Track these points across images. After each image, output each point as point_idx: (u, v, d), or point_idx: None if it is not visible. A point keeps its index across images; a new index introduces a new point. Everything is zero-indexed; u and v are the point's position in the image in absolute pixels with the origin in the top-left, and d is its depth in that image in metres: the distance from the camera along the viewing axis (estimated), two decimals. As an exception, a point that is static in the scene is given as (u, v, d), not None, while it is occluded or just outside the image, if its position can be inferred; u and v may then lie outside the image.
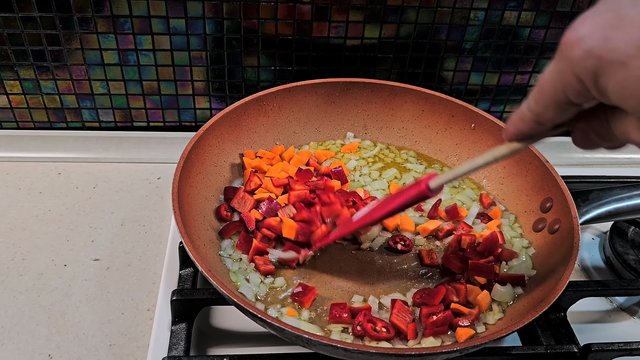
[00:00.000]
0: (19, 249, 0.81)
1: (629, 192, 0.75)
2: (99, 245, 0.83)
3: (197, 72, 0.97)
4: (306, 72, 0.99)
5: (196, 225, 0.73)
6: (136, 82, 0.97)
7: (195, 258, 0.61)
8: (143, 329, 0.72)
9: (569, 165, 1.05)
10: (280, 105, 0.88)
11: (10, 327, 0.71)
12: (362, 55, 0.98)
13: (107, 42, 0.92)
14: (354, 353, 0.54)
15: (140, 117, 1.02)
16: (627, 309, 0.79)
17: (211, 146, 0.81)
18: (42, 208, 0.89)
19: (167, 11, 0.89)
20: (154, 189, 0.94)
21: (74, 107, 1.00)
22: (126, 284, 0.77)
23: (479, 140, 0.88)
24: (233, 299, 0.57)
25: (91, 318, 0.72)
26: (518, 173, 0.83)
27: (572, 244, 0.67)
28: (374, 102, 0.92)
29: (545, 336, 0.69)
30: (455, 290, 0.68)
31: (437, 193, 0.60)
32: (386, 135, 0.94)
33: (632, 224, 0.85)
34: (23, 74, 0.95)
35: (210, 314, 0.73)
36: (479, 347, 0.57)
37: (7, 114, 1.00)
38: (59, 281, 0.77)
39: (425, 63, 1.00)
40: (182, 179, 0.71)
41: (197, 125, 1.04)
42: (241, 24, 0.92)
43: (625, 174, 0.97)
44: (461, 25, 0.95)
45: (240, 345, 0.69)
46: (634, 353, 0.66)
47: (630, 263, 0.80)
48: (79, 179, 0.95)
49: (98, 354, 0.68)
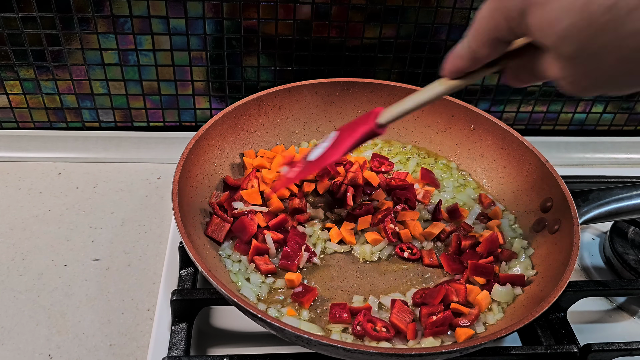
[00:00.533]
0: (19, 249, 0.81)
1: (629, 192, 0.75)
2: (99, 245, 0.83)
3: (197, 72, 0.97)
4: (306, 72, 0.99)
5: (196, 226, 0.73)
6: (136, 82, 0.97)
7: (195, 258, 0.61)
8: (143, 329, 0.72)
9: (569, 165, 1.05)
10: (280, 105, 0.88)
11: (10, 327, 0.71)
12: (362, 55, 0.98)
13: (107, 42, 0.92)
14: (354, 353, 0.54)
15: (140, 117, 1.02)
16: (627, 309, 0.79)
17: (211, 146, 0.81)
18: (42, 208, 0.89)
19: (167, 11, 0.89)
20: (154, 189, 0.94)
21: (74, 107, 1.00)
22: (126, 284, 0.77)
23: (479, 140, 0.88)
24: (233, 299, 0.57)
25: (91, 318, 0.73)
26: (518, 173, 0.83)
27: (572, 244, 0.67)
28: (374, 102, 0.92)
29: (545, 336, 0.69)
30: (455, 291, 0.68)
31: (385, 129, 0.63)
32: (386, 135, 0.94)
33: (632, 224, 0.85)
34: (23, 74, 0.95)
35: (210, 314, 0.73)
36: (479, 347, 0.58)
37: (7, 114, 1.00)
38: (59, 281, 0.77)
39: (425, 63, 1.00)
40: (182, 179, 0.71)
41: (197, 125, 1.04)
42: (241, 24, 0.92)
43: (625, 174, 0.97)
44: (461, 25, 0.95)
45: (240, 345, 0.69)
46: (634, 353, 0.66)
47: (630, 263, 0.80)
48: (79, 179, 0.95)
49: (98, 354, 0.68)
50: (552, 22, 0.41)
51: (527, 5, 0.42)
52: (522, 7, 0.42)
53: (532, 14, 0.42)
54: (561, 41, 0.41)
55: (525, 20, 0.43)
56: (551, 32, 0.41)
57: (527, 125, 1.11)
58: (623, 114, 1.10)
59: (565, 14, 0.40)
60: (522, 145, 0.82)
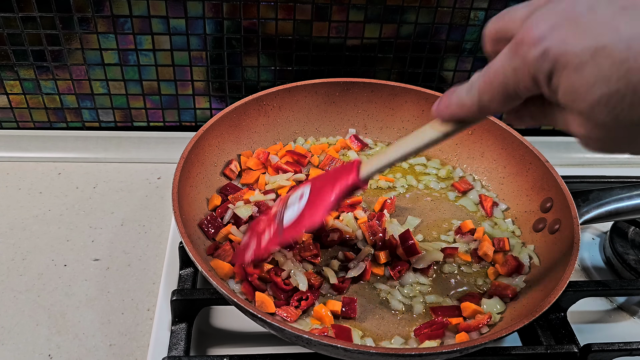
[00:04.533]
0: (19, 249, 0.81)
1: (629, 192, 0.74)
2: (99, 245, 0.83)
3: (197, 72, 0.97)
4: (306, 72, 0.99)
5: (196, 226, 0.73)
6: (136, 82, 0.97)
7: (195, 258, 0.61)
8: (143, 329, 0.72)
9: (569, 165, 1.05)
10: (280, 105, 0.88)
11: (10, 327, 0.71)
12: (362, 55, 0.98)
13: (107, 42, 0.92)
14: (354, 353, 0.54)
15: (140, 117, 1.02)
16: (627, 309, 0.79)
17: (211, 146, 0.81)
18: (42, 208, 0.89)
19: (167, 11, 0.89)
20: (154, 189, 0.94)
21: (74, 107, 1.00)
22: (126, 284, 0.77)
23: (479, 140, 0.88)
24: (233, 299, 0.57)
25: (91, 318, 0.72)
26: (518, 173, 0.83)
27: (572, 244, 0.67)
28: (374, 102, 0.92)
29: (545, 336, 0.69)
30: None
31: (367, 183, 0.58)
32: (386, 135, 0.94)
33: (632, 224, 0.85)
34: (23, 74, 0.95)
35: (210, 314, 0.73)
36: (479, 347, 0.57)
37: (7, 114, 1.00)
38: (59, 281, 0.77)
39: (426, 63, 1.00)
40: (182, 179, 0.71)
41: (197, 125, 1.04)
42: (241, 24, 0.92)
43: (625, 174, 0.97)
44: (461, 25, 0.95)
45: (240, 345, 0.69)
46: (634, 353, 0.66)
47: (630, 263, 0.80)
48: (79, 179, 0.95)
49: (98, 354, 0.68)
50: (586, 89, 0.37)
51: (558, 68, 0.38)
52: (551, 69, 0.39)
53: (562, 78, 0.38)
54: (594, 109, 0.38)
55: (552, 82, 0.39)
56: (583, 99, 0.38)
57: (527, 125, 1.10)
58: (623, 114, 1.10)
59: (602, 81, 0.36)
60: (522, 145, 0.82)
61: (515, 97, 0.43)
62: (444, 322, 0.65)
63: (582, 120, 0.40)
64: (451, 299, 0.71)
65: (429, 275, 0.73)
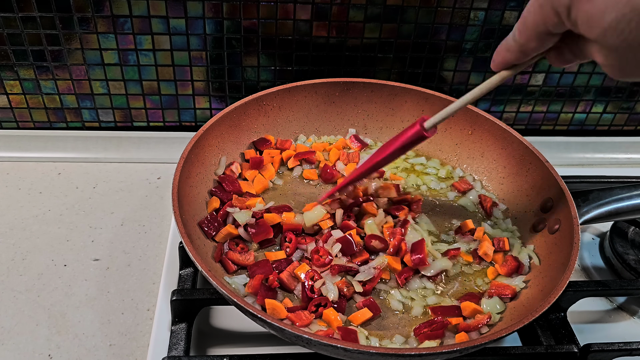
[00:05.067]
0: (19, 249, 0.81)
1: (629, 192, 0.74)
2: (99, 245, 0.83)
3: (197, 72, 0.97)
4: (306, 72, 0.99)
5: (196, 225, 0.73)
6: (136, 82, 0.97)
7: (195, 258, 0.61)
8: (143, 329, 0.72)
9: (569, 165, 1.05)
10: (280, 105, 0.88)
11: (10, 327, 0.71)
12: (362, 55, 0.98)
13: (107, 42, 0.92)
14: (354, 353, 0.54)
15: (140, 117, 1.02)
16: (627, 309, 0.79)
17: (211, 146, 0.81)
18: (42, 208, 0.89)
19: (167, 11, 0.89)
20: (154, 189, 0.94)
21: (74, 107, 1.00)
22: (126, 284, 0.77)
23: (479, 140, 0.88)
24: (233, 299, 0.57)
25: (91, 318, 0.72)
26: (518, 173, 0.83)
27: (572, 244, 0.67)
28: (374, 102, 0.92)
29: (545, 336, 0.69)
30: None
31: (433, 133, 0.66)
32: (386, 135, 0.94)
33: (632, 224, 0.85)
34: (23, 74, 0.95)
35: (210, 314, 0.73)
36: (479, 347, 0.57)
37: (7, 114, 1.00)
38: (59, 281, 0.77)
39: (425, 63, 1.00)
40: (182, 179, 0.71)
41: (197, 125, 1.04)
42: (241, 24, 0.92)
43: (625, 174, 0.97)
44: (461, 25, 0.95)
45: (240, 345, 0.69)
46: (634, 353, 0.66)
47: (630, 263, 0.80)
48: (79, 179, 0.95)
49: (98, 354, 0.68)
50: (597, 16, 0.43)
51: (574, 1, 0.44)
52: (569, 2, 0.45)
53: (579, 8, 0.45)
54: (606, 34, 0.44)
55: (572, 15, 0.46)
56: (596, 26, 0.44)
57: (527, 125, 1.11)
58: (623, 114, 1.10)
59: (611, 8, 0.42)
60: (522, 145, 0.82)
61: (547, 33, 0.50)
62: (444, 322, 0.65)
63: (599, 48, 0.46)
64: (451, 298, 0.71)
65: (436, 282, 0.73)
